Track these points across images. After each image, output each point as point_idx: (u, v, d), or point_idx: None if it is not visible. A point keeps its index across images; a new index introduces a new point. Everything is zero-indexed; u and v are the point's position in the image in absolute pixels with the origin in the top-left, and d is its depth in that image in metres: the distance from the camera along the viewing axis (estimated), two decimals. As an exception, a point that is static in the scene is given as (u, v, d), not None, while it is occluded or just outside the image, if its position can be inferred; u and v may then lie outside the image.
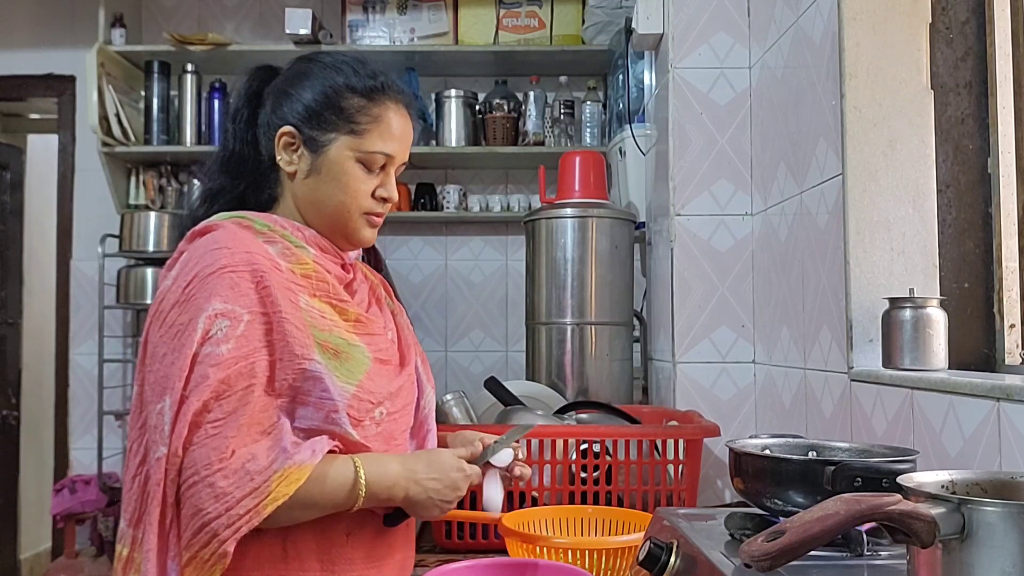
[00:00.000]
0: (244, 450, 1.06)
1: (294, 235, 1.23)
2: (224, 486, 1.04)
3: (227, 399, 1.07)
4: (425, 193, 3.51)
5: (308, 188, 1.25)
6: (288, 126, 1.24)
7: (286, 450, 1.08)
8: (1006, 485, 0.83)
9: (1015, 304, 1.49)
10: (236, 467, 1.05)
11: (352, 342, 1.19)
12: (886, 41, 1.58)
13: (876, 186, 1.57)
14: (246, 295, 1.12)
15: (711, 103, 2.21)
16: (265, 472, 1.06)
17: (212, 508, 1.04)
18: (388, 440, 1.22)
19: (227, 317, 1.10)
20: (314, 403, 1.13)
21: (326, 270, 1.23)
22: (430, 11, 3.50)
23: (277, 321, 1.12)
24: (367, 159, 1.23)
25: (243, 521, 1.04)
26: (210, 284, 1.11)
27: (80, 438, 3.62)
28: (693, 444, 1.81)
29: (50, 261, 3.82)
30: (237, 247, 1.15)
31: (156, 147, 3.45)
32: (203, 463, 1.05)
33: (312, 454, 1.09)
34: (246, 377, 1.09)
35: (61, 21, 3.71)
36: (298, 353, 1.11)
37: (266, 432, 1.09)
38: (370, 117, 1.23)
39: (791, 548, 0.73)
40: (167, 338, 1.11)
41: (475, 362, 3.61)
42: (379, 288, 1.39)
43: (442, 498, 1.19)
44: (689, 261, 2.19)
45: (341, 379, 1.15)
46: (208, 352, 1.08)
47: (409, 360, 1.31)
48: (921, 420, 1.35)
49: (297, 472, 1.07)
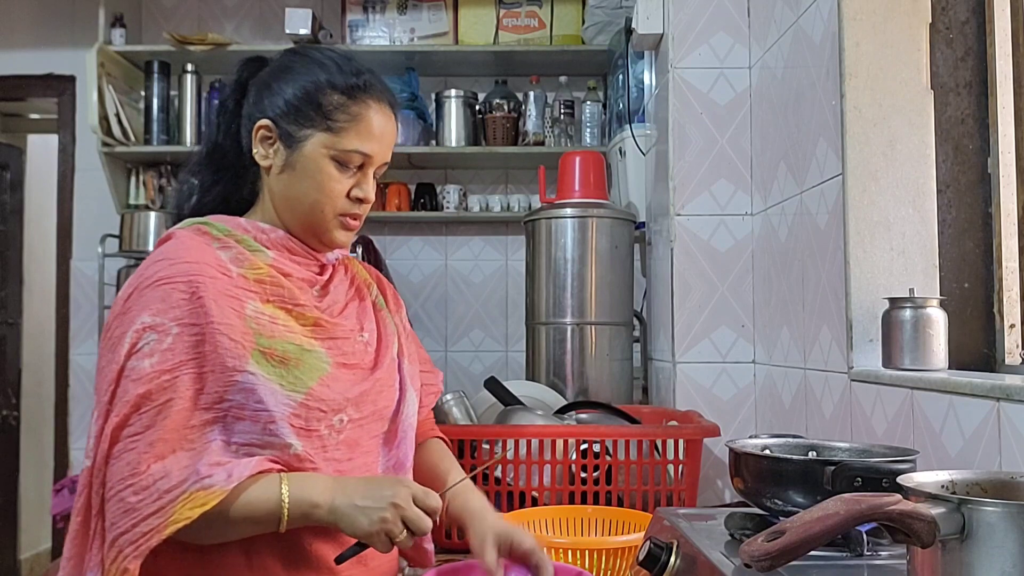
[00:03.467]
0: (158, 465, 1.04)
1: (255, 238, 1.21)
2: (133, 501, 1.02)
3: (146, 414, 1.05)
4: (425, 193, 3.51)
5: (282, 184, 1.22)
6: (265, 119, 1.22)
7: (198, 472, 1.04)
8: (1006, 485, 0.83)
9: (1015, 304, 1.49)
10: (148, 483, 1.03)
11: (307, 347, 1.16)
12: (886, 41, 1.58)
13: (876, 186, 1.57)
14: (177, 307, 1.10)
15: (711, 103, 2.21)
16: (174, 492, 1.03)
17: (121, 523, 1.02)
18: (352, 447, 1.18)
19: (154, 330, 1.08)
20: (250, 416, 1.09)
21: (284, 274, 1.20)
22: (430, 11, 3.50)
23: (209, 332, 1.09)
24: (343, 157, 1.20)
25: (144, 539, 1.01)
26: (145, 296, 1.11)
27: (80, 438, 3.61)
28: (693, 444, 1.81)
29: (50, 261, 3.82)
30: (179, 257, 1.13)
31: (156, 147, 3.45)
32: (117, 478, 1.04)
33: (228, 478, 1.04)
34: (167, 391, 1.07)
35: (61, 21, 3.71)
36: (229, 365, 1.09)
37: (188, 448, 1.06)
38: (348, 115, 1.20)
39: (791, 548, 0.73)
40: (105, 350, 1.11)
41: (475, 362, 3.61)
42: (368, 287, 1.35)
43: (373, 505, 1.06)
44: (689, 261, 2.19)
45: (286, 388, 1.11)
46: (132, 366, 1.07)
47: (381, 363, 1.25)
48: (921, 420, 1.35)
49: (204, 496, 1.03)
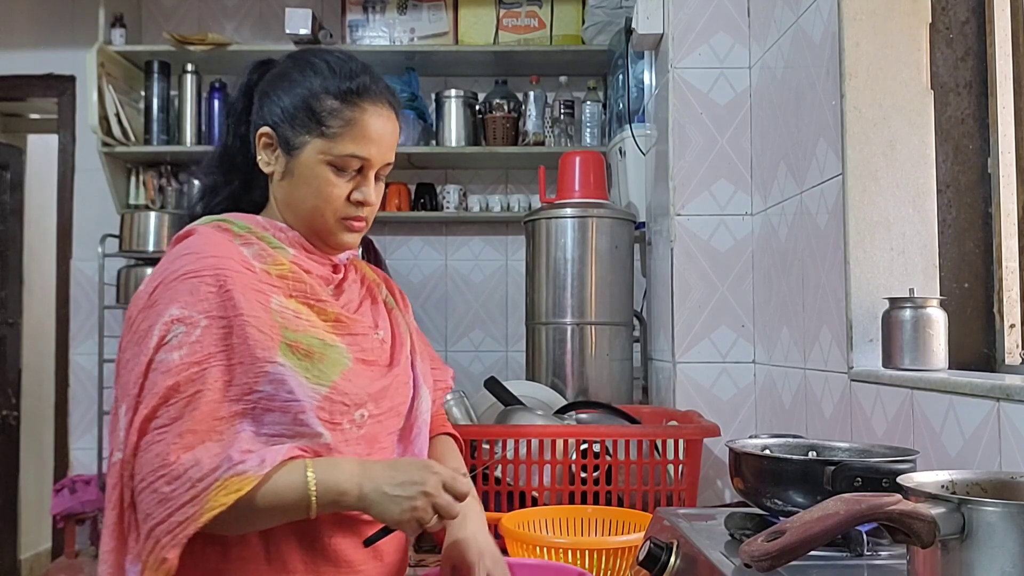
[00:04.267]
0: (188, 455, 1.05)
1: (275, 236, 1.22)
2: (167, 491, 1.03)
3: (174, 405, 1.06)
4: (425, 193, 3.50)
5: (284, 190, 1.24)
6: (266, 127, 1.23)
7: (231, 458, 1.05)
8: (1006, 485, 0.83)
9: (1015, 304, 1.49)
10: (179, 472, 1.04)
11: (330, 342, 1.17)
12: (886, 41, 1.58)
13: (876, 186, 1.57)
14: (205, 299, 1.11)
15: (711, 103, 2.21)
16: (206, 479, 1.03)
17: (156, 513, 1.03)
18: (371, 443, 1.19)
19: (183, 323, 1.09)
20: (280, 407, 1.10)
21: (305, 271, 1.22)
22: (430, 11, 3.50)
23: (238, 324, 1.10)
24: (339, 162, 1.20)
25: (180, 528, 1.02)
26: (172, 290, 1.11)
27: (80, 438, 3.62)
28: (693, 444, 1.81)
29: (50, 261, 3.81)
30: (205, 251, 1.14)
31: (156, 147, 3.45)
32: (148, 468, 1.05)
33: (261, 463, 1.05)
34: (196, 383, 1.07)
35: (61, 21, 3.70)
36: (259, 356, 1.10)
37: (218, 439, 1.07)
38: (342, 120, 1.20)
39: (791, 548, 0.73)
40: (131, 344, 1.11)
41: (475, 362, 3.61)
42: (378, 287, 1.38)
43: (400, 493, 1.06)
44: (689, 261, 2.19)
45: (311, 380, 1.12)
46: (161, 359, 1.08)
47: (397, 361, 1.27)
48: (921, 420, 1.35)
49: (238, 482, 1.03)
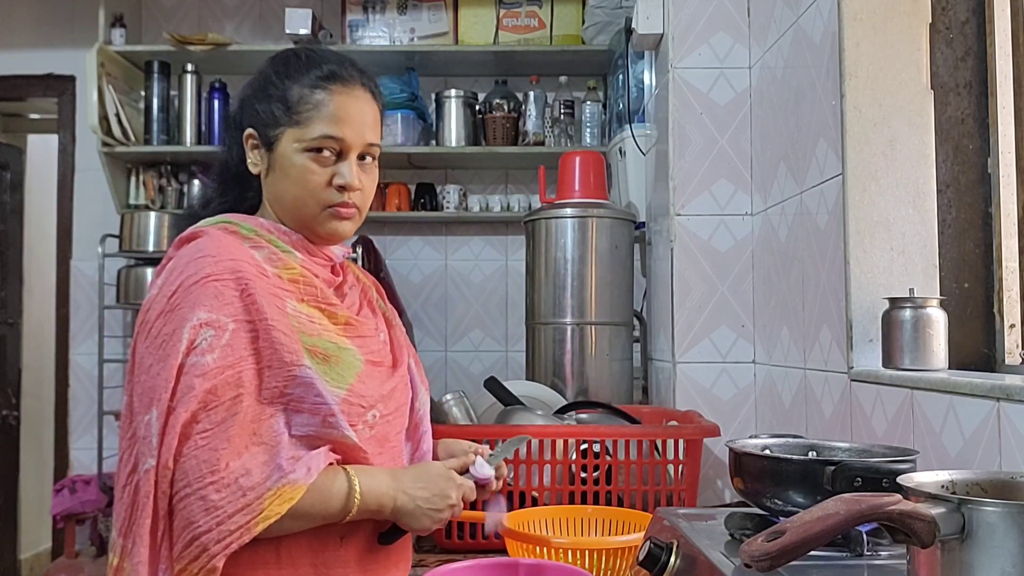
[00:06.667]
0: (238, 463, 1.05)
1: (281, 239, 1.22)
2: (216, 499, 1.03)
3: (215, 409, 1.06)
4: (425, 193, 3.51)
5: (269, 187, 1.25)
6: (250, 127, 1.24)
7: (281, 467, 1.07)
8: (1006, 485, 0.83)
9: (1015, 304, 1.49)
10: (229, 481, 1.04)
11: (343, 345, 1.18)
12: (886, 41, 1.58)
13: (876, 186, 1.57)
14: (230, 303, 1.11)
15: (711, 103, 2.21)
16: (258, 488, 1.05)
17: (203, 521, 1.03)
18: (382, 443, 1.21)
19: (211, 327, 1.09)
20: (308, 409, 1.12)
21: (313, 274, 1.22)
22: (430, 11, 3.50)
23: (264, 328, 1.11)
24: (314, 146, 1.20)
25: (233, 538, 1.03)
26: (194, 293, 1.11)
27: (80, 438, 3.62)
28: (693, 444, 1.81)
29: (50, 261, 3.82)
30: (222, 254, 1.14)
31: (156, 147, 3.45)
32: (194, 475, 1.04)
33: (308, 472, 1.08)
34: (233, 387, 1.08)
35: (61, 21, 3.70)
36: (287, 360, 1.11)
37: (260, 443, 1.08)
38: (310, 105, 1.20)
39: (791, 548, 0.73)
40: (152, 348, 1.10)
41: (475, 362, 3.61)
42: (371, 290, 1.38)
43: (432, 507, 1.17)
44: (689, 261, 2.19)
45: (331, 384, 1.14)
46: (194, 362, 1.07)
47: (402, 361, 1.29)
48: (921, 420, 1.35)
49: (291, 491, 1.06)
